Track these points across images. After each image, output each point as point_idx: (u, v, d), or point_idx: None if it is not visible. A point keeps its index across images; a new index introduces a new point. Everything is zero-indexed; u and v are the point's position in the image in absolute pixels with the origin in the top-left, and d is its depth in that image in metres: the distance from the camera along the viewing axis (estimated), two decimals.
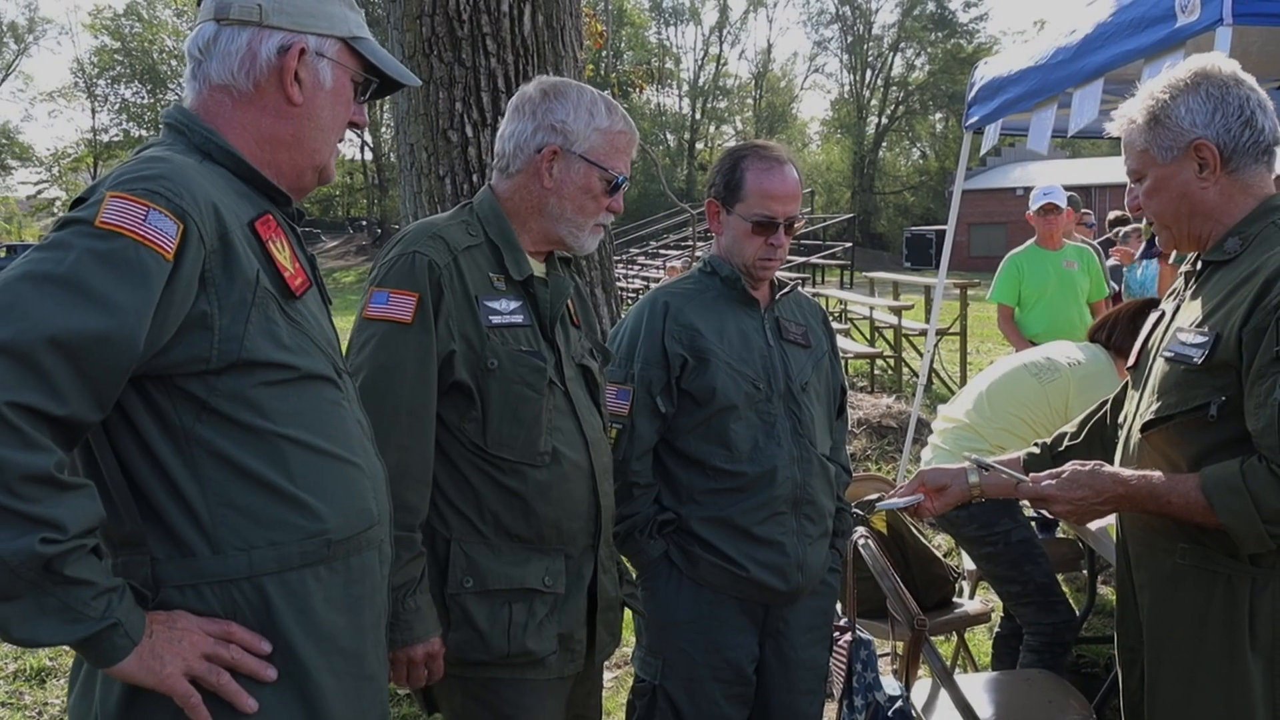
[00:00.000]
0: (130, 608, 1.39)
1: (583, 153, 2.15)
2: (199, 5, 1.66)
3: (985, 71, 6.00)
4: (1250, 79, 2.02)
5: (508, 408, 2.07)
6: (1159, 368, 2.04)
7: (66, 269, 1.35)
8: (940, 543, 5.62)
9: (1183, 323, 2.02)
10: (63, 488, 1.33)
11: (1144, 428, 2.03)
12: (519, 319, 2.12)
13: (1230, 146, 1.97)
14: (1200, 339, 1.93)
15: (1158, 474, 1.98)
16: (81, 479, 1.38)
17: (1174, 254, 5.01)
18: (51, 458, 1.31)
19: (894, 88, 57.21)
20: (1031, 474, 2.18)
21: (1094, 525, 3.24)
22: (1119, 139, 2.12)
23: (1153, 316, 2.21)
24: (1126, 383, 2.28)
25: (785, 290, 2.66)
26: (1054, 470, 2.12)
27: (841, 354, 3.25)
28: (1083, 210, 8.52)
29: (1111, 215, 9.50)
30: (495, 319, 2.08)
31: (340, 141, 1.76)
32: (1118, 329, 3.55)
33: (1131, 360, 2.22)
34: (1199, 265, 2.08)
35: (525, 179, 2.18)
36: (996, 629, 3.87)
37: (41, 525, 1.30)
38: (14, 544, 1.28)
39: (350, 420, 1.65)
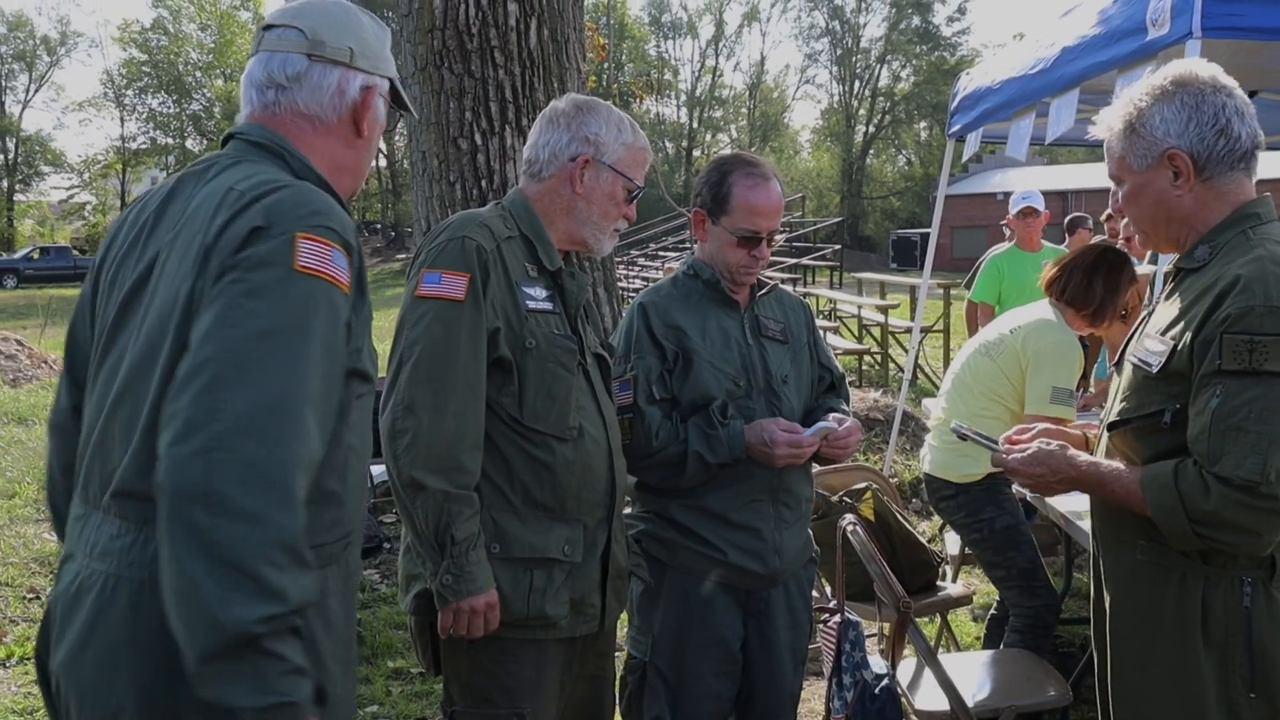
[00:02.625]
0: (309, 697, 1.37)
1: (611, 163, 2.25)
2: (265, 31, 1.68)
3: (967, 82, 5.99)
4: (1231, 82, 1.93)
5: (543, 384, 2.14)
6: (1126, 370, 2.03)
7: (291, 320, 1.37)
8: (925, 529, 5.63)
9: (1151, 328, 2.00)
10: (300, 561, 1.32)
11: (1109, 427, 2.04)
12: (549, 306, 2.19)
13: (1204, 155, 1.91)
14: (1160, 348, 1.91)
15: (1109, 463, 1.99)
16: (312, 556, 1.38)
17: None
18: (301, 521, 1.31)
19: (881, 98, 57.12)
20: (1005, 442, 2.19)
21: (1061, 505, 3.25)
22: (1094, 146, 2.10)
23: (1142, 314, 2.20)
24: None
25: (764, 291, 2.66)
26: (1025, 444, 2.14)
27: (832, 351, 3.24)
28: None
29: (1070, 218, 9.38)
30: (531, 304, 2.16)
31: None
32: (1062, 280, 3.49)
33: (1115, 357, 2.21)
34: (1176, 269, 2.06)
35: (556, 183, 2.26)
36: (993, 610, 3.86)
37: (271, 596, 1.28)
38: (240, 612, 1.26)
39: (370, 426, 1.69)
